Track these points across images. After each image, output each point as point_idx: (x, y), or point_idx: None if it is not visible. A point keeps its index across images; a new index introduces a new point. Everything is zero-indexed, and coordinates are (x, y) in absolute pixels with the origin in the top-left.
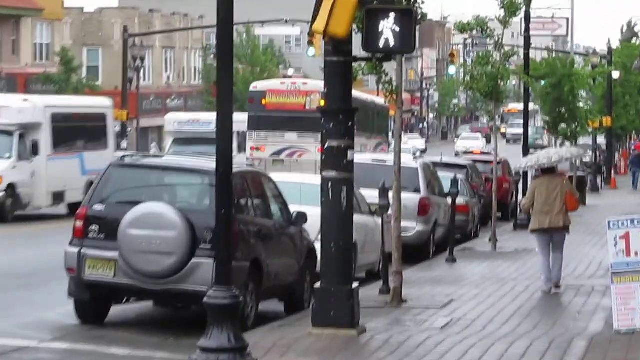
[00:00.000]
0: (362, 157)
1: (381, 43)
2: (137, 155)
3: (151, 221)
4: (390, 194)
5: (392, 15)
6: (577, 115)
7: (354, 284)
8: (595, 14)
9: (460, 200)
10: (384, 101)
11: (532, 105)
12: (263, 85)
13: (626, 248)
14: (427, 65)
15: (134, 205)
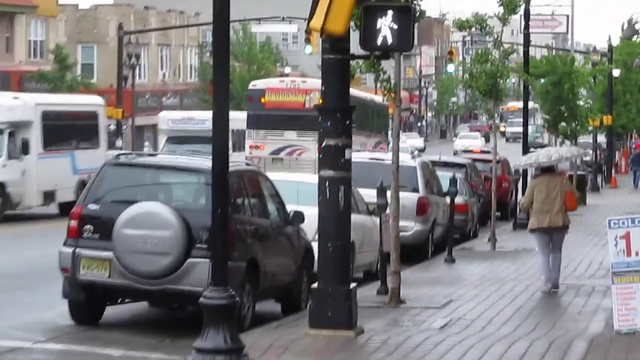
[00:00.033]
0: (359, 156)
1: (379, 41)
2: (132, 154)
3: (146, 221)
4: (388, 193)
5: (390, 13)
6: (577, 114)
7: (352, 284)
8: (595, 11)
9: (459, 200)
10: (382, 99)
11: (531, 103)
12: (262, 83)
13: (627, 248)
14: (426, 63)
15: (129, 205)
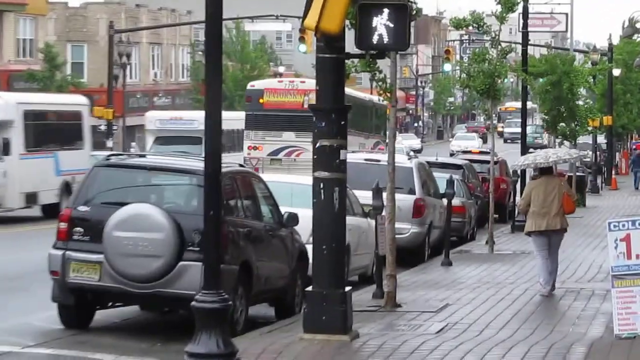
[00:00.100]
0: (355, 157)
1: (375, 39)
2: (123, 155)
3: (137, 223)
4: (384, 194)
5: (386, 11)
6: (576, 114)
7: (347, 288)
8: (595, 9)
9: (456, 201)
10: (378, 99)
11: (529, 103)
12: (261, 84)
13: (627, 250)
14: (422, 62)
15: (119, 207)
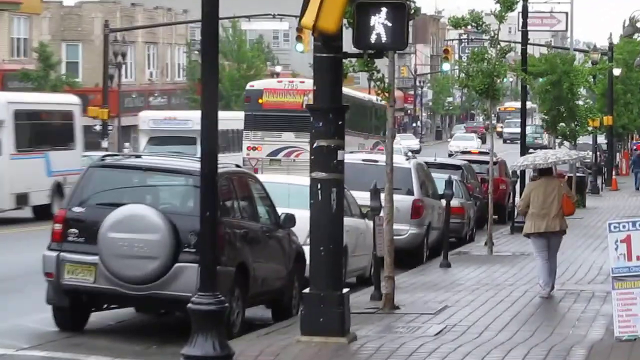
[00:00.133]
0: (352, 157)
1: (372, 39)
2: (118, 155)
3: (133, 224)
4: (382, 195)
5: (384, 10)
6: (576, 114)
7: (345, 290)
8: (595, 8)
9: (454, 202)
10: (376, 99)
11: (529, 103)
12: (260, 84)
13: (627, 252)
14: (421, 62)
15: (115, 208)
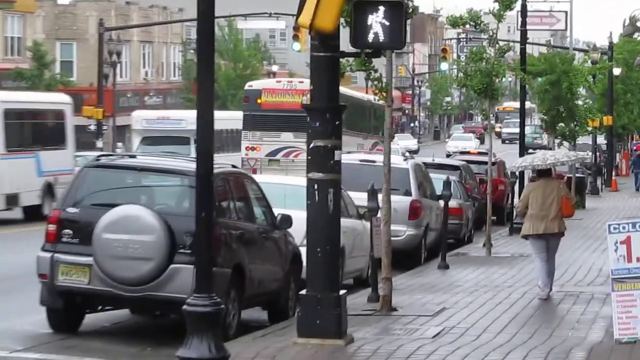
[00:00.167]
0: (350, 158)
1: (370, 38)
2: (113, 155)
3: (127, 225)
4: (379, 196)
5: (382, 9)
6: (575, 114)
7: (341, 291)
8: (595, 7)
9: (453, 203)
10: (374, 99)
11: (528, 103)
12: (258, 84)
13: (627, 253)
14: (419, 61)
15: (109, 208)
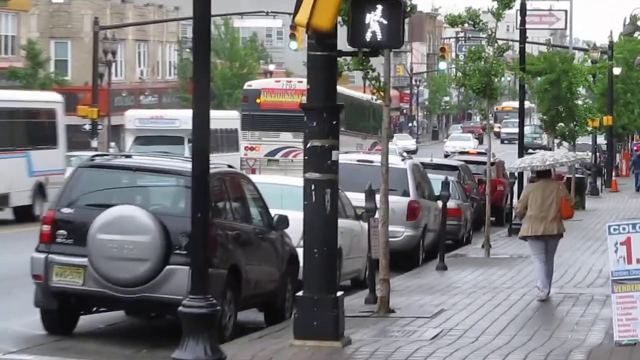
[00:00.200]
0: (347, 158)
1: (368, 37)
2: (108, 155)
3: (123, 225)
4: (377, 196)
5: (380, 7)
6: (575, 114)
7: (339, 293)
8: (595, 5)
9: (451, 204)
10: (372, 98)
11: (527, 103)
12: (258, 83)
13: (627, 254)
14: (417, 60)
15: (104, 209)
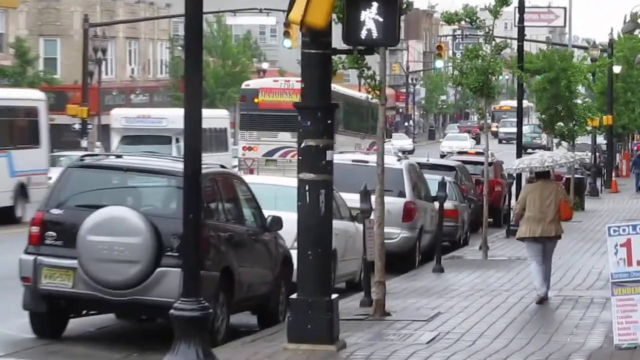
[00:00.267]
0: (342, 158)
1: (363, 34)
2: (98, 155)
3: (113, 227)
4: (372, 197)
5: (375, 5)
6: (574, 113)
7: (333, 295)
8: (595, 2)
9: (448, 205)
10: (370, 97)
11: (525, 102)
12: (255, 83)
13: (627, 256)
14: (413, 58)
15: (94, 210)
